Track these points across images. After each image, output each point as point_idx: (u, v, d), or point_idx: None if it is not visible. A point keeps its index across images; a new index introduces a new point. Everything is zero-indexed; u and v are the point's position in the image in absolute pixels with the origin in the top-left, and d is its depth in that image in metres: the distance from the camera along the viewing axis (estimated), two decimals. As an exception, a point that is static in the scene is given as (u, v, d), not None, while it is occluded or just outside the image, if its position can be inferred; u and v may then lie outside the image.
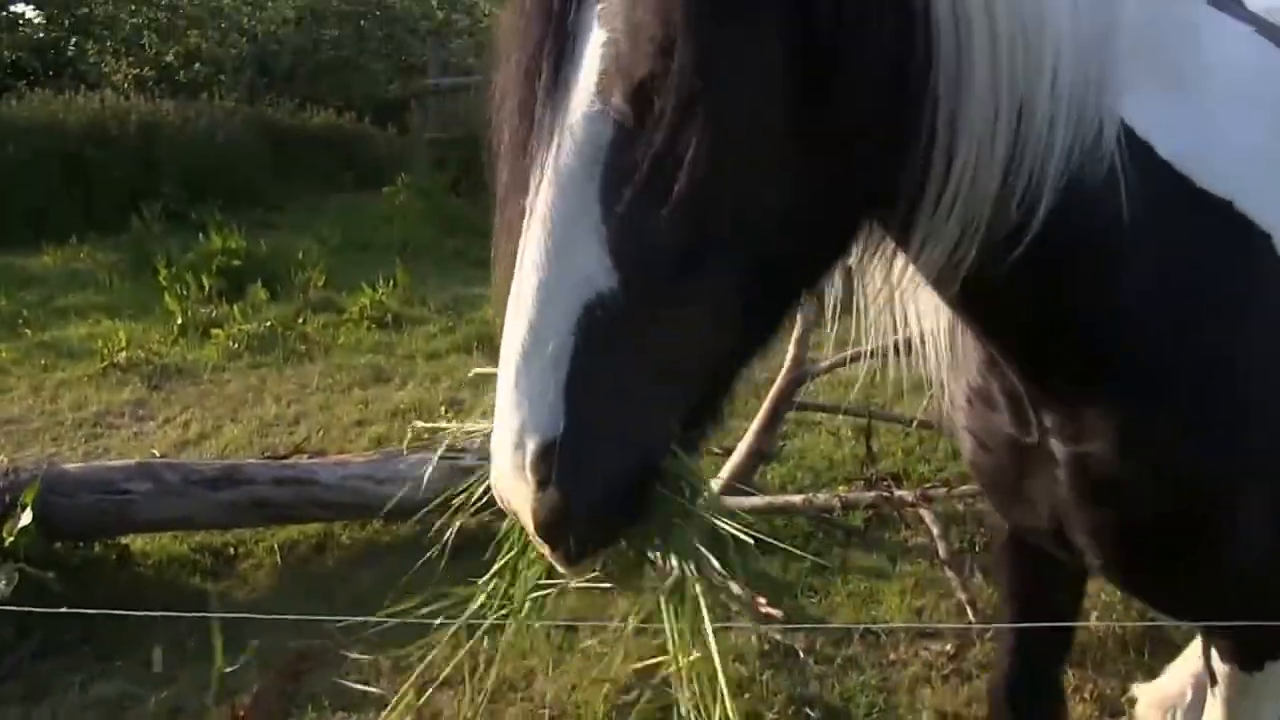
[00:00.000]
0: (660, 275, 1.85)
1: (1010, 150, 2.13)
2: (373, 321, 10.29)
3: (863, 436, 6.81)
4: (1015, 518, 3.05)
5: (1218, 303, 2.46)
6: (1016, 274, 2.29)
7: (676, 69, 1.80)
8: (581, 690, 4.79)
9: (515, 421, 1.82)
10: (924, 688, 4.76)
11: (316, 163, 18.28)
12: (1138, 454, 2.54)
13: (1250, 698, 2.96)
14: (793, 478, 6.68)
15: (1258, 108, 2.52)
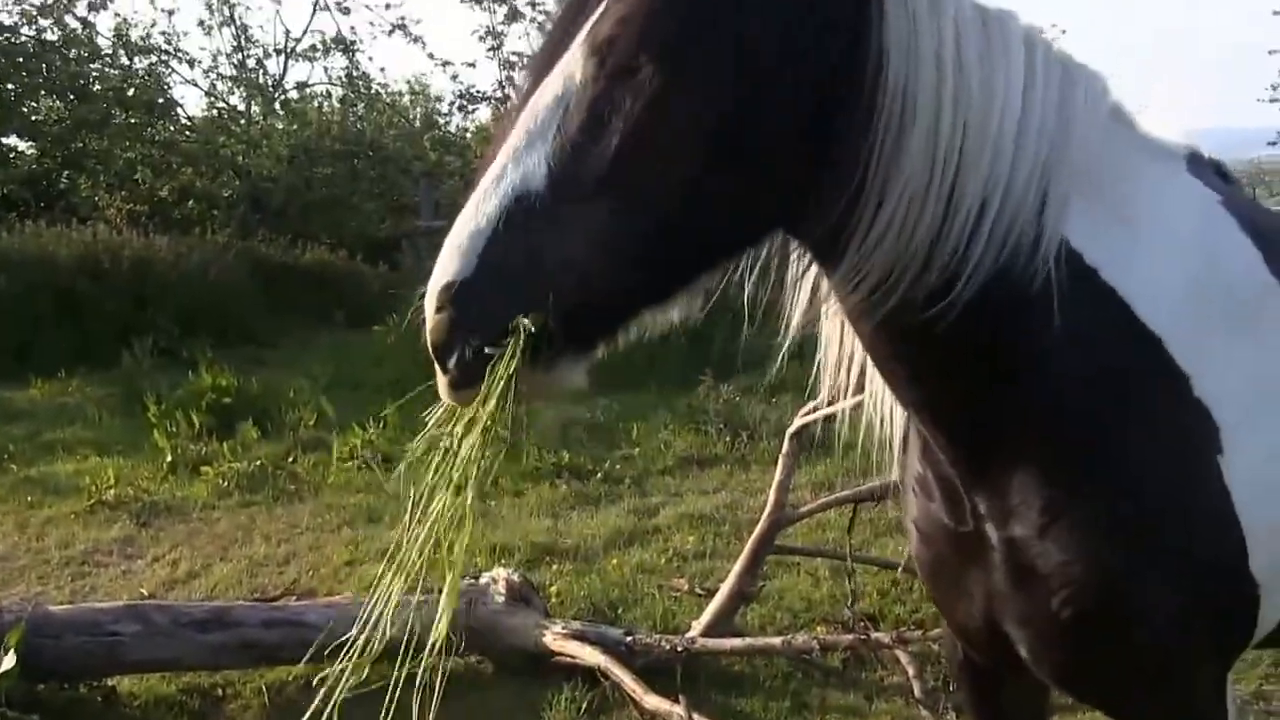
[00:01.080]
0: (577, 195, 2.41)
1: (938, 223, 2.54)
2: (363, 461, 10.48)
3: (839, 577, 7.02)
4: (956, 616, 3.24)
5: (1136, 423, 2.78)
6: (940, 341, 2.66)
7: (626, 37, 2.42)
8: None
9: (441, 264, 2.42)
10: (901, 826, 4.92)
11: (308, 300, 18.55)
12: (1057, 541, 2.79)
13: None
14: (772, 618, 6.84)
15: (1193, 262, 2.85)
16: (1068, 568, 2.81)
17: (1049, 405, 2.78)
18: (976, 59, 2.58)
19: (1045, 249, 2.62)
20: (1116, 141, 2.84)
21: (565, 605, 7.07)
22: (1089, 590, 2.81)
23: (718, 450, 10.50)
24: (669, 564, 7.81)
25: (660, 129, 2.43)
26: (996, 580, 2.97)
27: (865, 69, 2.50)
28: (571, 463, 9.97)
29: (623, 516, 8.75)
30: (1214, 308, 2.86)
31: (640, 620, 6.82)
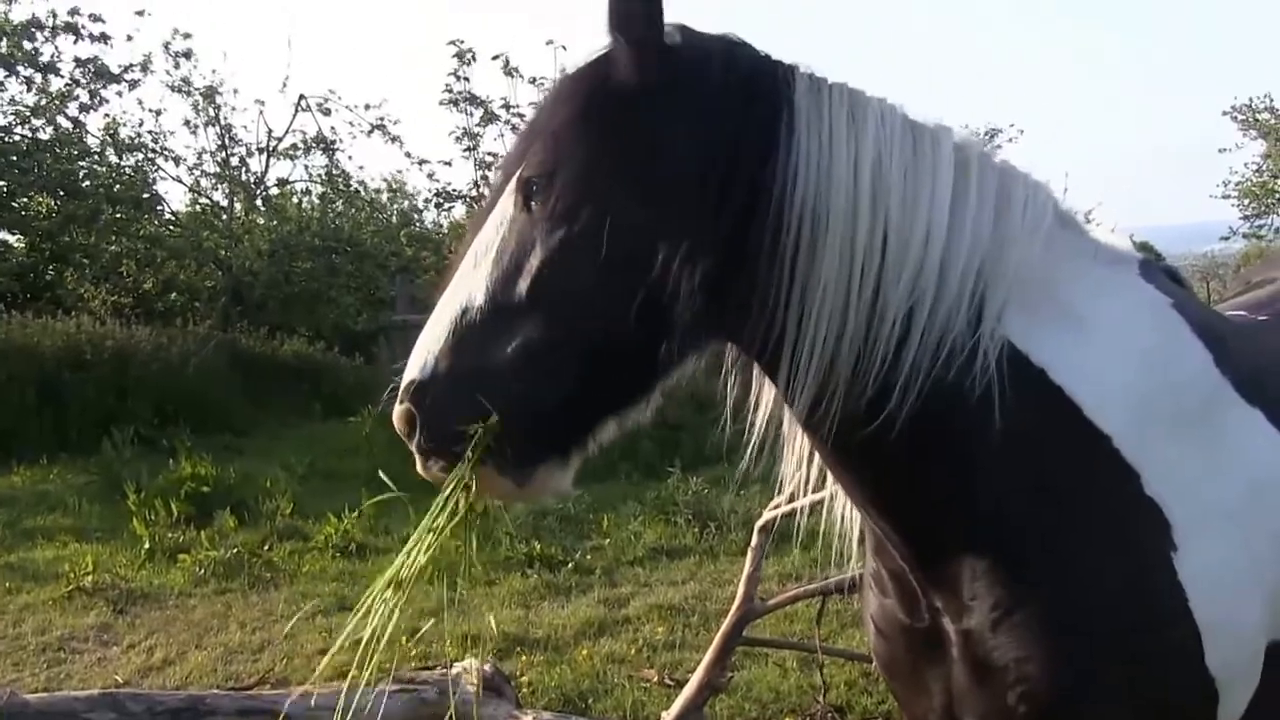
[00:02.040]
0: (512, 313, 2.60)
1: (861, 335, 2.61)
2: (338, 550, 10.38)
3: (807, 669, 6.97)
4: (916, 711, 3.19)
5: (1086, 522, 2.78)
6: (885, 449, 2.69)
7: (542, 175, 2.63)
8: None
9: (409, 364, 2.66)
10: None
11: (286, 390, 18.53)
12: (1011, 636, 2.77)
13: None
14: (741, 709, 6.75)
15: (1143, 363, 2.87)
16: (1022, 664, 2.79)
17: (996, 506, 2.78)
18: (900, 175, 2.64)
19: (984, 356, 2.66)
20: (1064, 247, 2.87)
21: (536, 695, 6.97)
22: (1043, 687, 2.78)
23: (687, 541, 10.45)
24: (639, 654, 7.73)
25: (576, 255, 2.56)
26: (955, 675, 2.95)
27: (774, 188, 2.57)
28: (543, 553, 9.90)
29: (593, 606, 8.67)
30: (1164, 407, 2.87)
31: (610, 711, 6.73)
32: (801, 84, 2.69)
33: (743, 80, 2.68)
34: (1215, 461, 2.94)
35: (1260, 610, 2.97)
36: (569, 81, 2.80)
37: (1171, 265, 3.24)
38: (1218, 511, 2.91)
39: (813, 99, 2.67)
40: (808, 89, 2.69)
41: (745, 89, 2.67)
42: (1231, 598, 2.90)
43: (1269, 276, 4.04)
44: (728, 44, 2.74)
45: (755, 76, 2.70)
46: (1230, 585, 2.90)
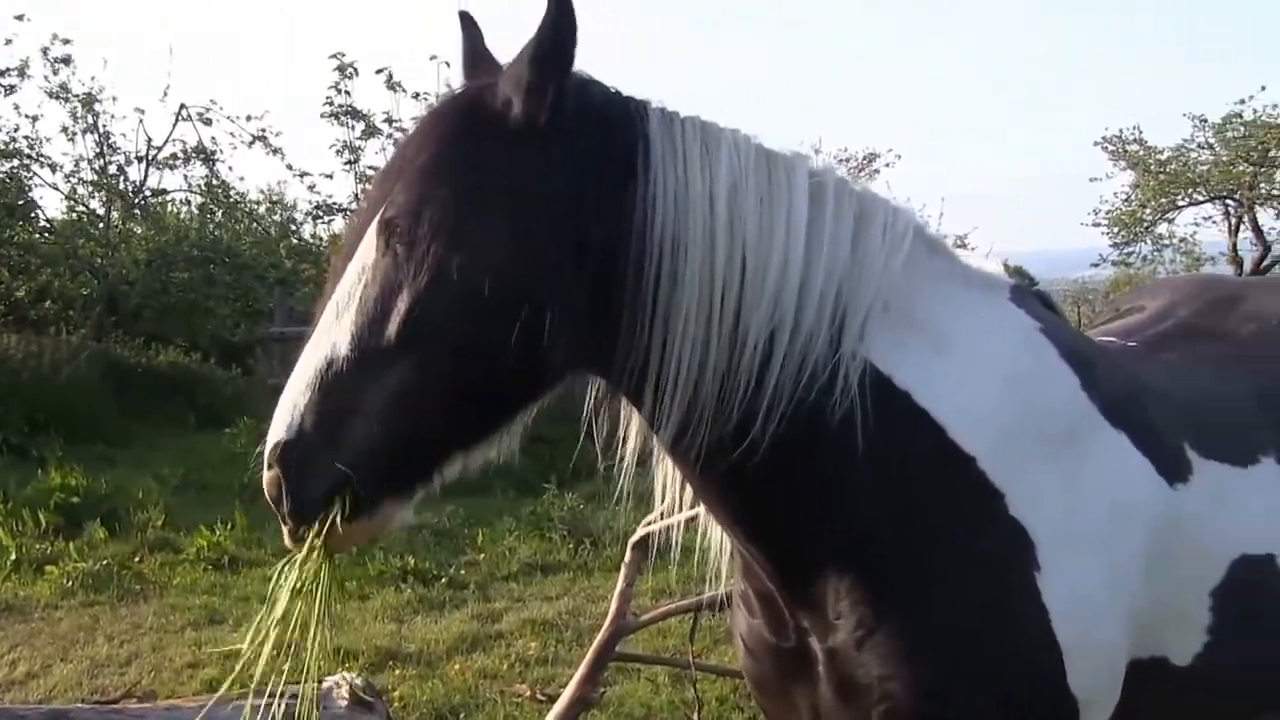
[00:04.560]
0: (377, 359, 2.52)
1: (724, 362, 2.60)
2: (210, 563, 10.10)
3: (680, 684, 6.93)
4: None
5: (948, 542, 2.80)
6: (750, 473, 2.68)
7: (405, 217, 2.55)
8: None
9: (272, 426, 2.55)
10: None
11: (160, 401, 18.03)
12: (874, 654, 2.77)
13: None
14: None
15: (1009, 386, 2.89)
16: (886, 683, 2.79)
17: (860, 528, 2.79)
18: (756, 202, 2.64)
19: (845, 378, 2.67)
20: (931, 272, 2.89)
21: (408, 710, 6.85)
22: (906, 705, 2.78)
23: (562, 557, 10.37)
24: (511, 669, 7.63)
25: (443, 296, 2.52)
26: (821, 693, 2.94)
27: (633, 220, 2.56)
28: (417, 567, 9.74)
29: (466, 621, 8.54)
30: (1030, 430, 2.90)
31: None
32: (654, 118, 2.69)
33: (599, 116, 2.66)
34: (1080, 484, 2.97)
35: (1121, 630, 3.00)
36: (431, 120, 2.76)
37: (1043, 290, 3.26)
38: (1082, 533, 2.93)
39: (666, 132, 2.66)
40: (660, 122, 2.68)
41: (602, 125, 2.65)
42: (1094, 618, 2.92)
43: (1138, 304, 4.10)
44: (581, 81, 2.71)
45: (609, 112, 2.69)
46: (1092, 606, 2.93)
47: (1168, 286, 4.38)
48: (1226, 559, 3.23)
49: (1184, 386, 3.43)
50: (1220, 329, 3.80)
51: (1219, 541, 3.24)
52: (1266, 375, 3.62)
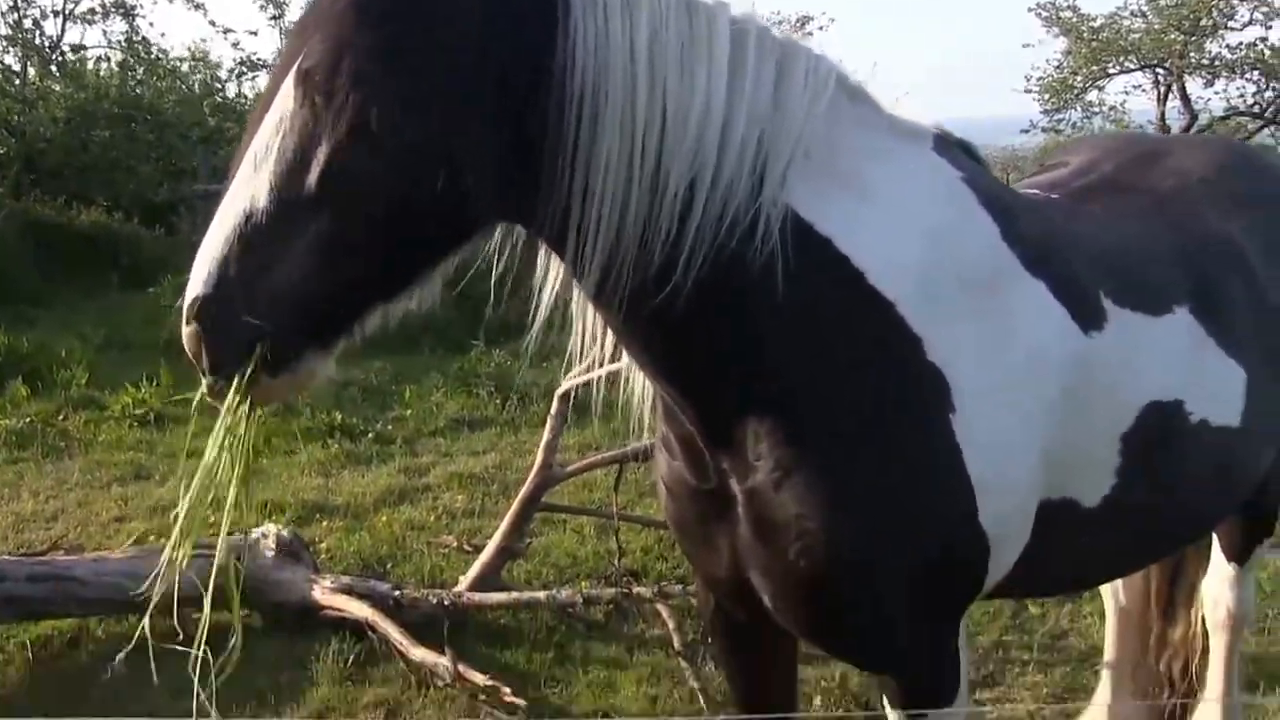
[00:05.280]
0: (296, 211, 2.46)
1: (645, 209, 2.58)
2: (135, 420, 9.98)
3: (604, 535, 6.99)
4: (706, 569, 3.26)
5: (866, 385, 2.82)
6: (672, 320, 2.68)
7: (324, 67, 2.46)
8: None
9: (190, 282, 2.48)
10: (658, 769, 4.90)
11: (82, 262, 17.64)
12: (791, 495, 2.81)
13: None
14: (539, 574, 6.76)
15: (930, 233, 2.89)
16: (802, 521, 2.82)
17: (779, 371, 2.80)
18: (677, 49, 2.61)
19: (766, 224, 2.66)
20: (853, 120, 2.87)
21: (335, 561, 6.86)
22: (822, 544, 2.82)
23: (489, 413, 10.35)
24: (438, 522, 7.66)
25: (364, 145, 2.46)
26: (740, 533, 2.97)
27: (554, 66, 2.53)
28: (344, 423, 9.70)
29: (393, 475, 8.54)
30: (949, 277, 2.90)
31: (409, 576, 6.67)
32: None
33: None
34: (997, 329, 2.98)
35: (1033, 472, 3.04)
36: None
37: (967, 141, 3.22)
38: (997, 377, 2.95)
39: None
40: None
41: None
42: (1006, 459, 2.97)
43: (1063, 160, 4.11)
44: None
45: None
46: (1006, 448, 2.97)
47: (1092, 143, 4.37)
48: (1137, 405, 3.28)
49: (1103, 238, 3.45)
50: (1142, 184, 3.82)
51: (1130, 388, 3.28)
52: (1184, 229, 3.66)
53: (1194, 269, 3.54)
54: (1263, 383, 3.57)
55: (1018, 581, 3.22)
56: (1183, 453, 3.41)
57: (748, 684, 3.54)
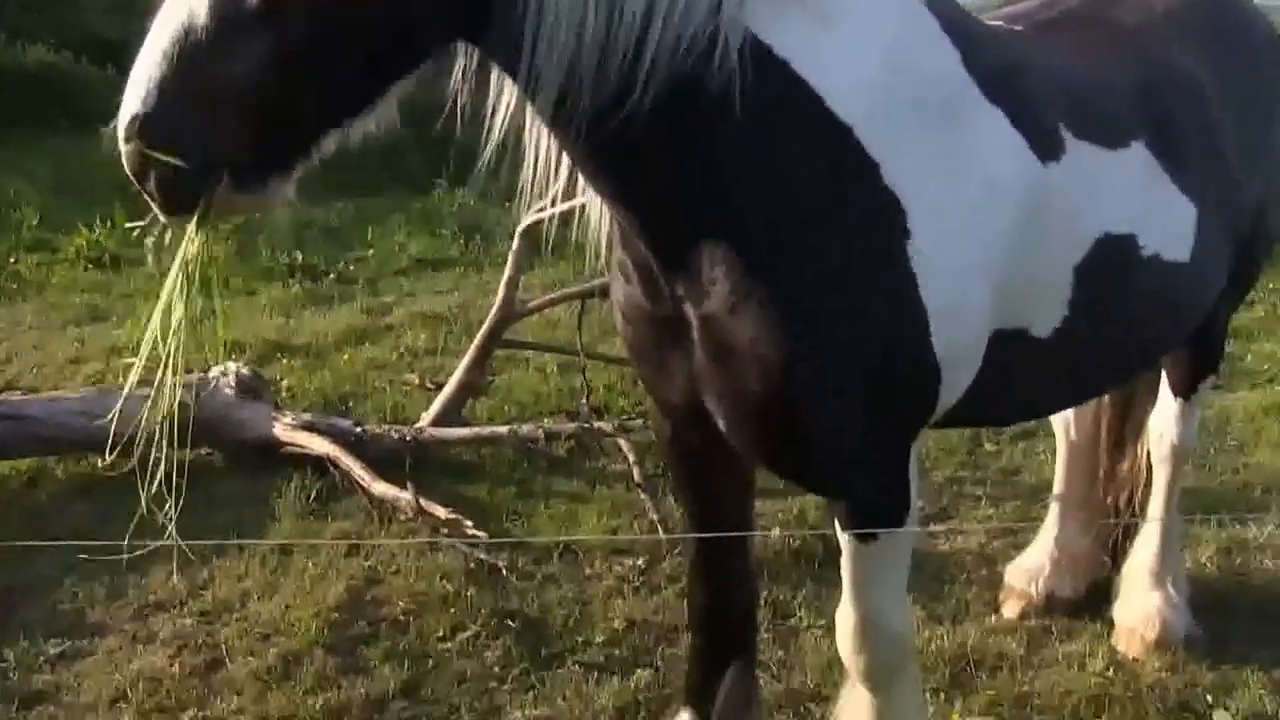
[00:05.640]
0: (239, 26, 2.41)
1: (603, 27, 2.56)
2: (90, 261, 9.90)
3: (567, 373, 7.05)
4: (662, 394, 3.33)
5: (822, 209, 2.85)
6: (629, 143, 2.69)
7: None
8: (295, 610, 4.87)
9: (125, 99, 2.45)
10: (617, 599, 5.01)
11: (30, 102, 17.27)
12: (747, 319, 2.86)
13: (869, 569, 3.24)
14: (501, 411, 6.82)
15: (889, 58, 2.90)
16: (757, 345, 2.86)
17: (735, 195, 2.81)
18: None
19: (724, 45, 2.65)
20: None
21: (296, 399, 6.90)
22: (776, 367, 2.86)
23: (452, 253, 10.32)
24: (400, 360, 7.69)
25: None
26: (696, 358, 3.01)
27: None
28: (305, 263, 9.65)
29: (355, 315, 8.54)
30: (908, 103, 2.92)
31: (370, 413, 6.71)
32: None
33: None
34: (955, 157, 3.01)
35: (986, 300, 3.09)
36: None
37: None
38: (953, 205, 2.98)
39: None
40: None
41: None
42: (960, 286, 3.01)
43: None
44: None
45: None
46: (960, 275, 3.01)
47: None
48: (1091, 236, 3.32)
49: (1064, 70, 3.46)
50: (1107, 17, 3.81)
51: (1085, 220, 3.32)
52: (1145, 63, 3.67)
53: (1153, 104, 3.55)
54: (1212, 220, 3.62)
55: (970, 409, 3.29)
56: (1134, 286, 3.46)
57: (703, 510, 3.62)
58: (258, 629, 4.79)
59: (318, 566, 5.17)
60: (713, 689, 3.74)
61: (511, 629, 4.77)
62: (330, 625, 4.78)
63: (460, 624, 4.81)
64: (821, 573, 5.04)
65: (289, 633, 4.74)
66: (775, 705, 4.31)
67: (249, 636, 4.75)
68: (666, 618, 4.86)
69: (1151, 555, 4.63)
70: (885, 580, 3.28)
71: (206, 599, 5.00)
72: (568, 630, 4.80)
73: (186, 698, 4.40)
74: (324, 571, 5.14)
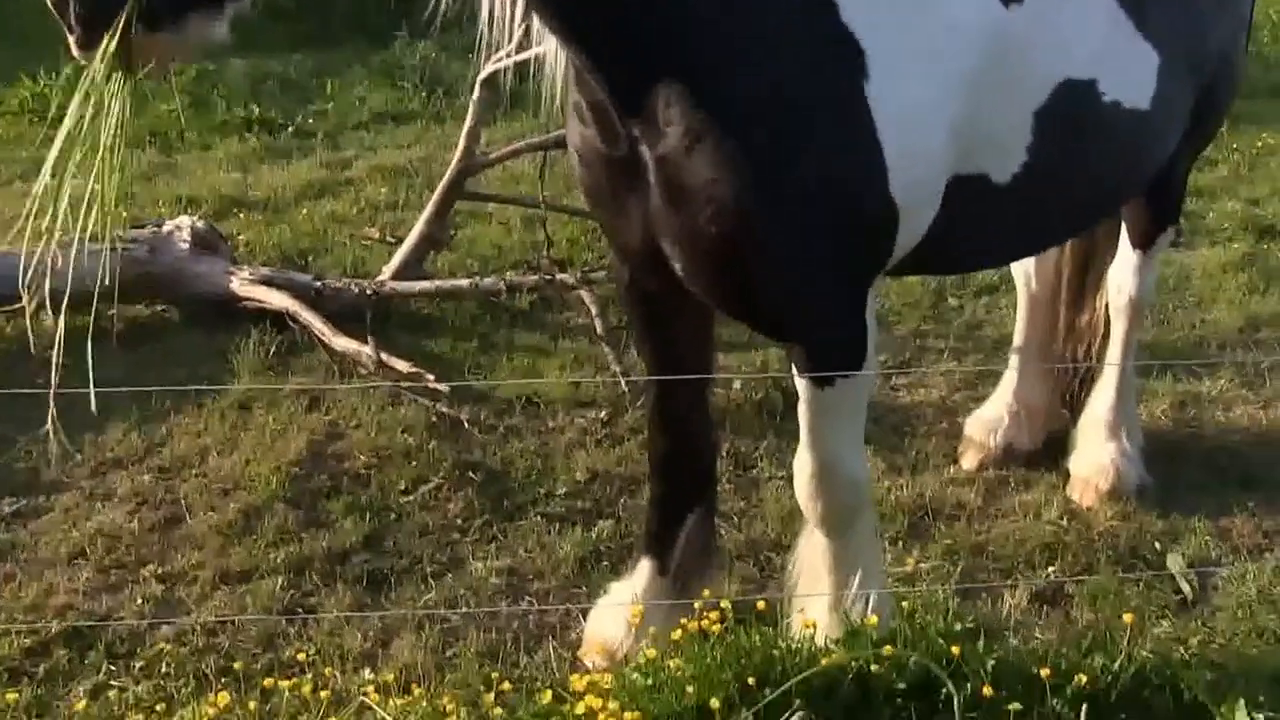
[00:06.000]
0: None
1: None
2: (35, 115, 9.65)
3: (530, 227, 7.00)
4: (619, 238, 3.33)
5: (778, 49, 2.85)
6: None
7: None
8: (255, 464, 4.90)
9: None
10: (579, 451, 5.07)
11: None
12: (703, 160, 2.86)
13: (827, 415, 3.28)
14: (462, 264, 6.76)
15: None
16: (713, 186, 2.86)
17: (690, 34, 2.80)
18: None
19: None
20: None
21: (254, 254, 6.81)
22: (731, 208, 2.87)
23: (414, 106, 10.09)
24: (361, 214, 7.58)
25: None
26: (652, 200, 3.01)
27: None
28: (261, 116, 9.43)
29: (314, 169, 8.39)
30: None
31: (330, 267, 6.65)
32: None
33: None
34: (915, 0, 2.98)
35: (945, 144, 3.09)
36: None
37: None
38: (913, 48, 2.97)
39: None
40: None
41: None
42: (919, 129, 3.01)
43: None
44: None
45: None
46: (919, 118, 3.01)
47: None
48: (1051, 82, 3.31)
49: None
50: None
51: (1046, 64, 3.31)
52: None
53: None
54: (1173, 67, 3.60)
55: (928, 255, 3.31)
56: (1093, 132, 3.46)
57: (662, 358, 3.64)
58: (217, 484, 4.83)
59: (278, 422, 5.19)
60: (673, 538, 3.80)
61: (473, 481, 4.82)
62: (291, 479, 4.82)
63: (422, 477, 4.86)
64: (783, 425, 5.08)
65: (249, 487, 4.78)
66: (736, 554, 4.40)
67: (209, 492, 4.78)
68: (628, 469, 4.92)
69: (1107, 407, 4.70)
70: (842, 426, 3.31)
71: (165, 455, 5.03)
72: (529, 482, 4.86)
73: (146, 553, 4.45)
74: (284, 427, 5.16)
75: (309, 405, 5.32)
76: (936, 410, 5.40)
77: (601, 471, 4.92)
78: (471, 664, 3.85)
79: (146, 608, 4.18)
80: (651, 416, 3.79)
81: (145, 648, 3.96)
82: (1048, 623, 4.06)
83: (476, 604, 4.15)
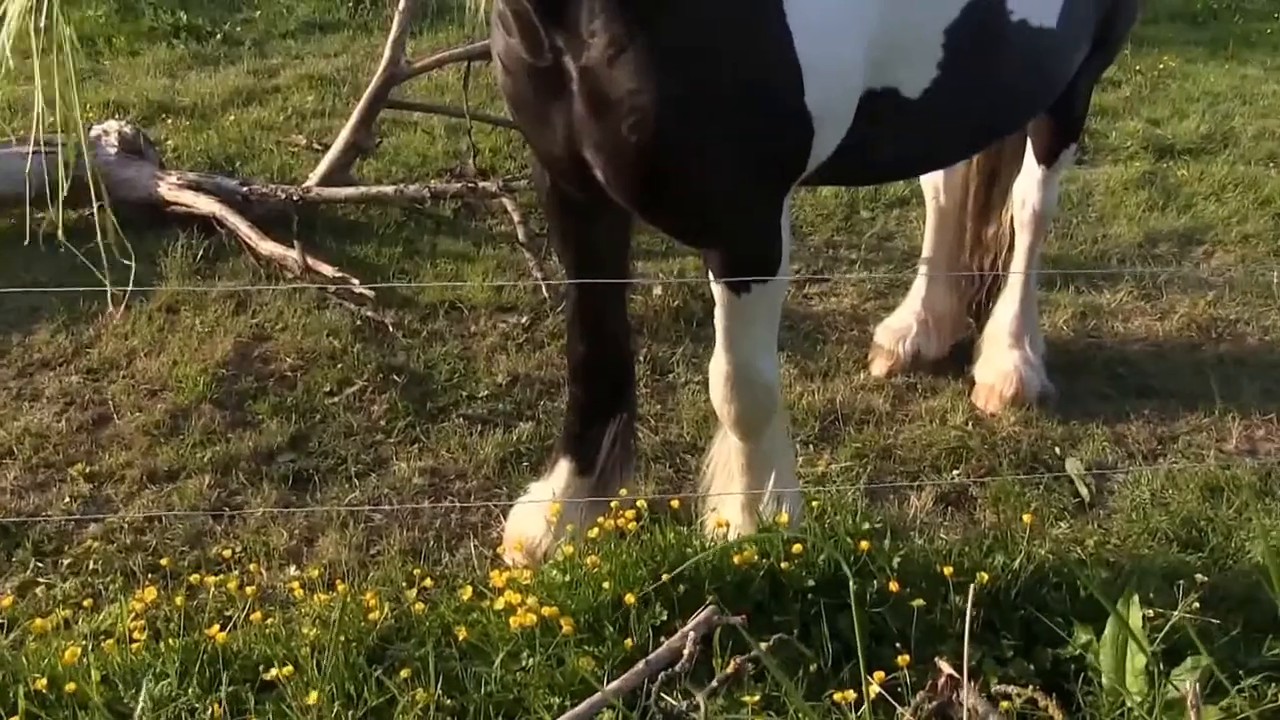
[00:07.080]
0: None
1: None
2: None
3: (455, 136, 6.89)
4: (542, 145, 3.26)
5: None
6: None
7: None
8: (182, 366, 4.80)
9: None
10: (501, 355, 5.01)
11: None
12: (625, 70, 2.81)
13: (741, 320, 3.26)
14: (388, 172, 6.66)
15: None
16: (635, 96, 2.82)
17: None
18: None
19: None
20: None
21: (182, 159, 6.66)
22: (652, 117, 2.83)
23: (341, 15, 9.86)
24: (288, 122, 7.42)
25: None
26: (575, 109, 2.96)
27: None
28: (190, 24, 9.16)
29: (242, 77, 8.18)
30: None
31: (258, 173, 6.52)
32: None
33: None
34: None
35: (859, 57, 3.06)
36: None
37: None
38: None
39: None
40: None
41: None
42: (833, 43, 2.97)
43: None
44: None
45: None
46: (833, 31, 2.97)
47: None
48: None
49: None
50: None
51: None
52: None
53: None
54: None
55: (841, 167, 3.28)
56: (1002, 49, 3.44)
57: (582, 263, 3.59)
58: (145, 385, 4.73)
59: (205, 324, 5.08)
60: (591, 439, 3.78)
61: (397, 384, 4.76)
62: (218, 381, 4.74)
63: (347, 379, 4.79)
64: (699, 331, 5.07)
65: (176, 389, 4.68)
66: (652, 456, 4.38)
67: (136, 393, 4.69)
68: (548, 373, 4.89)
69: (1011, 317, 4.72)
70: (756, 331, 3.29)
71: (93, 356, 4.91)
72: (452, 385, 4.81)
73: (74, 453, 4.35)
74: (211, 329, 5.06)
75: (236, 308, 5.21)
76: (847, 318, 5.40)
77: (522, 375, 4.88)
78: (394, 561, 3.81)
79: (74, 506, 4.09)
80: (570, 320, 3.75)
81: (73, 545, 3.89)
82: (952, 523, 4.09)
83: (399, 503, 4.11)
